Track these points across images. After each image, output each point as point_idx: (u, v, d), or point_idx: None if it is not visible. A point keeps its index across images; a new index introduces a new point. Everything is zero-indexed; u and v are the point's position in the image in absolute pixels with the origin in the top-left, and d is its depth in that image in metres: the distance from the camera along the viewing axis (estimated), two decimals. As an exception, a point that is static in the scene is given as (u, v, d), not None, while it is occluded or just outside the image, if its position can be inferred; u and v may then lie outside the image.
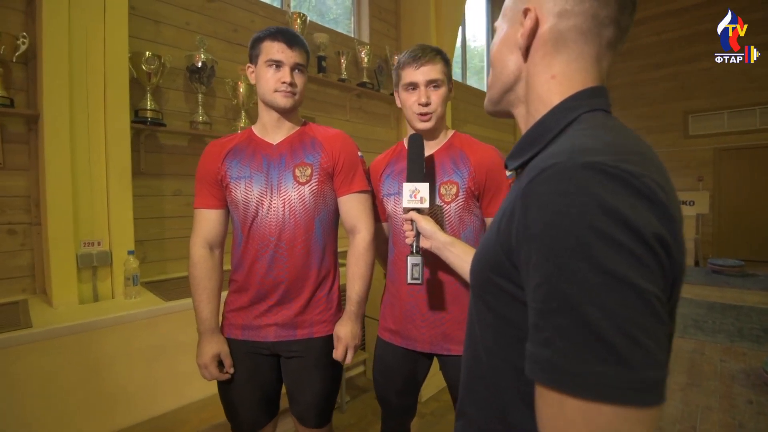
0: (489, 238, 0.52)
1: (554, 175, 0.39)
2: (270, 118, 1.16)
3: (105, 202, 1.74)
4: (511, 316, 0.48)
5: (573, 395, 0.35)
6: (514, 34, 0.54)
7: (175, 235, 2.29)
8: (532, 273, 0.39)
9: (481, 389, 0.54)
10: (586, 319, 0.34)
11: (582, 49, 0.50)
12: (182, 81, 2.31)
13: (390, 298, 1.22)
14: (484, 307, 0.53)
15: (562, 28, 0.50)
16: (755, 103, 5.78)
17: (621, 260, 0.34)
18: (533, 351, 0.38)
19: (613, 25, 0.50)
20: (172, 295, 1.79)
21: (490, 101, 0.61)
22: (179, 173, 2.31)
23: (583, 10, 0.49)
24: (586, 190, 0.36)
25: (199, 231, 1.16)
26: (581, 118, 0.49)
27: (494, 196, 1.13)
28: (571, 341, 0.35)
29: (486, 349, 0.53)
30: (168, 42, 2.23)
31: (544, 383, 0.37)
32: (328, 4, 3.45)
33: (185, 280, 2.14)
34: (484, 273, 0.51)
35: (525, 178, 0.45)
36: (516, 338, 0.47)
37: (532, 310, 0.39)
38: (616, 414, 0.33)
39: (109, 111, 1.73)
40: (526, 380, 0.45)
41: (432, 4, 3.53)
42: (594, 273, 0.34)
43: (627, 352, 0.33)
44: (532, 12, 0.51)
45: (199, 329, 1.13)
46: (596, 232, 0.35)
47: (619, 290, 0.34)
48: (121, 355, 1.50)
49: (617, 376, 0.33)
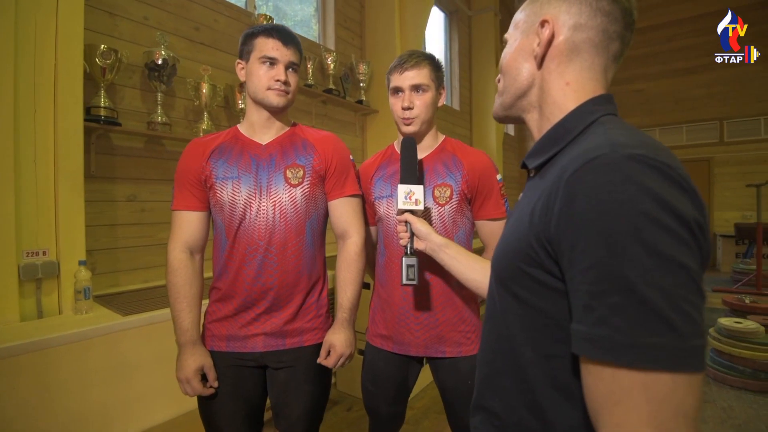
0: (517, 232, 0.54)
1: (600, 165, 0.42)
2: (259, 117, 1.10)
3: (52, 207, 1.56)
4: (542, 305, 0.50)
5: (631, 367, 0.37)
6: (529, 43, 0.59)
7: (129, 245, 2.11)
8: (578, 258, 0.41)
9: (507, 381, 0.56)
10: (641, 296, 0.37)
11: (593, 59, 0.56)
12: (139, 79, 2.15)
13: (381, 303, 1.20)
14: (512, 299, 0.54)
15: (576, 40, 0.55)
16: (683, 121, 6.43)
17: (670, 242, 0.38)
18: (584, 330, 0.41)
19: (619, 39, 0.56)
20: (128, 309, 1.63)
21: (502, 106, 0.65)
22: (134, 177, 2.14)
23: (595, 25, 0.54)
24: (632, 179, 0.40)
25: (178, 234, 1.07)
26: (601, 120, 0.53)
27: (485, 199, 1.15)
28: (627, 318, 0.37)
29: (513, 340, 0.54)
30: (124, 36, 2.08)
31: (599, 358, 0.39)
32: (289, 9, 3.40)
33: (140, 293, 1.98)
34: (512, 265, 0.53)
35: (557, 171, 0.48)
36: (545, 326, 0.50)
37: (580, 293, 0.42)
38: (674, 380, 0.37)
39: (59, 107, 1.57)
40: (557, 365, 0.49)
41: (396, 17, 3.58)
42: (647, 254, 0.37)
43: (680, 324, 0.36)
44: (549, 24, 0.56)
45: (179, 341, 1.04)
46: (646, 217, 0.38)
47: (670, 269, 0.37)
48: (74, 378, 1.34)
49: (673, 347, 0.36)
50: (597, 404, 0.41)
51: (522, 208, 0.56)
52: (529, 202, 0.53)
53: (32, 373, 1.27)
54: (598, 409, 0.41)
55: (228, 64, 2.60)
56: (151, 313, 1.60)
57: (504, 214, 1.16)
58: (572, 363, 0.48)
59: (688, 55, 6.28)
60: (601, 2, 0.54)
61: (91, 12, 1.91)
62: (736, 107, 5.99)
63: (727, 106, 6.02)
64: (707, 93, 6.13)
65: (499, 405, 0.57)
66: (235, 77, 2.62)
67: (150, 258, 2.19)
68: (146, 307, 1.66)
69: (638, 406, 0.37)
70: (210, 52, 2.50)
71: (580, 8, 0.55)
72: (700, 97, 6.16)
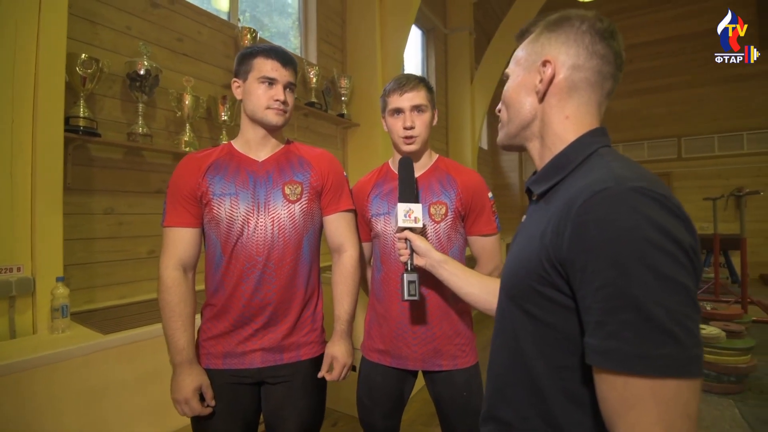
0: (527, 253, 0.58)
1: (608, 197, 0.47)
2: (255, 134, 1.11)
3: (29, 221, 1.50)
4: (553, 321, 0.54)
5: (641, 375, 0.42)
6: (531, 80, 0.64)
7: (106, 259, 2.03)
8: (590, 278, 0.46)
9: (519, 393, 0.59)
10: (648, 313, 0.42)
11: (590, 96, 0.62)
12: (119, 89, 2.10)
13: (377, 318, 1.21)
14: (523, 315, 0.58)
15: (575, 79, 0.61)
16: (644, 138, 6.81)
17: (671, 265, 0.43)
18: (597, 343, 0.45)
19: (612, 78, 0.62)
20: (107, 328, 1.57)
21: (507, 136, 0.70)
22: (112, 189, 2.07)
23: (591, 66, 0.60)
24: (636, 209, 0.45)
25: (172, 251, 1.06)
26: (599, 151, 0.59)
27: (478, 215, 1.19)
28: (637, 332, 0.42)
29: (525, 354, 0.58)
30: (105, 46, 2.03)
31: (611, 368, 0.44)
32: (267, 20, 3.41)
33: (117, 310, 1.90)
34: (524, 283, 0.57)
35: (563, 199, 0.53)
36: (556, 340, 0.54)
37: (592, 310, 0.46)
38: (678, 385, 0.42)
39: (39, 117, 1.51)
40: (568, 376, 0.53)
41: (377, 33, 3.66)
42: (652, 276, 0.43)
43: (681, 337, 0.42)
44: (551, 64, 0.61)
45: (174, 361, 1.01)
46: (650, 243, 0.43)
47: (671, 289, 0.43)
48: (50, 402, 1.28)
49: (677, 356, 0.41)
50: (611, 410, 0.45)
51: (530, 230, 0.60)
52: (538, 225, 0.57)
53: (5, 398, 1.20)
54: (613, 414, 0.45)
55: (211, 76, 2.58)
56: (133, 331, 1.54)
57: (495, 230, 1.20)
58: (582, 373, 0.52)
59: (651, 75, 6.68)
60: (596, 46, 0.60)
61: (72, 20, 1.86)
62: (693, 125, 6.40)
63: (685, 125, 6.42)
64: (667, 112, 6.53)
65: (512, 415, 0.60)
66: (217, 89, 2.60)
67: (127, 273, 2.11)
68: (125, 325, 1.60)
69: (649, 410, 0.42)
70: (193, 63, 2.47)
71: (577, 50, 0.60)
72: (661, 116, 6.56)
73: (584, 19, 0.61)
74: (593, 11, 0.63)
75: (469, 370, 1.17)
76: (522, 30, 0.69)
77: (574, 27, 0.61)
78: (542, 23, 0.65)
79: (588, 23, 0.61)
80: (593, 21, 0.61)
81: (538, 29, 0.65)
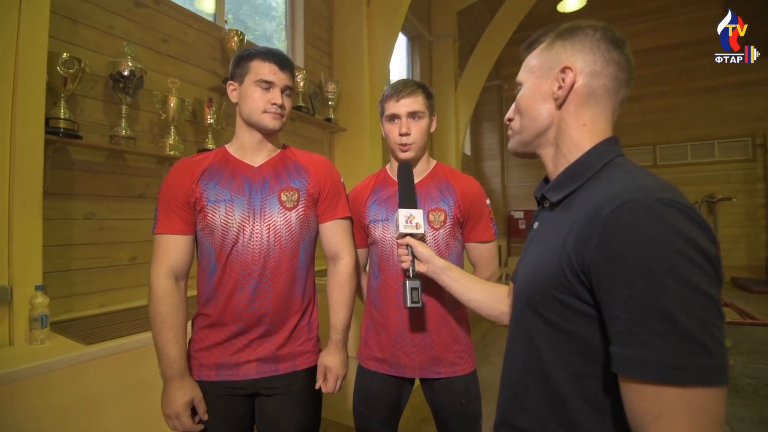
0: (546, 260, 0.58)
1: (636, 208, 0.47)
2: (251, 139, 1.09)
3: (6, 227, 1.42)
4: (572, 328, 0.54)
5: (672, 384, 0.43)
6: (549, 87, 0.64)
7: (86, 266, 1.95)
8: (618, 287, 0.46)
9: (537, 400, 0.59)
10: (679, 323, 0.43)
11: (606, 103, 0.62)
12: (101, 90, 2.03)
13: (375, 326, 1.20)
14: (542, 323, 0.58)
15: (593, 86, 0.61)
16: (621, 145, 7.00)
17: (699, 275, 0.43)
18: (626, 353, 0.45)
19: (626, 86, 0.63)
20: (89, 338, 1.51)
21: (521, 143, 0.70)
22: (92, 193, 2.00)
23: (608, 73, 0.61)
24: (664, 220, 0.45)
25: (164, 259, 1.02)
26: (616, 160, 0.60)
27: (476, 222, 1.19)
28: (668, 342, 0.43)
29: (544, 361, 0.58)
30: (87, 45, 1.96)
31: (643, 378, 0.44)
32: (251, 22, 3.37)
33: (97, 319, 1.83)
34: (542, 291, 0.57)
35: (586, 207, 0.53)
36: (577, 348, 0.54)
37: (619, 319, 0.46)
38: (707, 393, 0.42)
39: (18, 118, 1.44)
40: (588, 383, 0.53)
41: (365, 38, 3.66)
42: (681, 286, 0.43)
43: (711, 346, 0.42)
44: (572, 71, 0.61)
45: (165, 374, 0.97)
46: (679, 254, 0.43)
47: (700, 299, 0.43)
48: (31, 417, 1.21)
49: (707, 366, 0.42)
50: (641, 419, 0.45)
51: (548, 237, 0.60)
52: (557, 232, 0.57)
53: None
54: (643, 422, 0.45)
55: (196, 78, 2.53)
56: (117, 341, 1.48)
57: (493, 237, 1.21)
58: (603, 380, 0.52)
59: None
60: (612, 53, 0.61)
61: (53, 18, 1.79)
62: (667, 134, 6.63)
63: (659, 133, 6.64)
64: (643, 121, 6.75)
65: (529, 422, 0.60)
66: (203, 91, 2.55)
67: (107, 281, 2.04)
68: (108, 335, 1.54)
69: (681, 418, 0.42)
70: (178, 64, 2.42)
71: (594, 57, 0.61)
72: (637, 124, 6.76)
73: (597, 28, 0.62)
74: (602, 22, 0.64)
75: (468, 377, 1.17)
76: (530, 40, 0.70)
77: (588, 35, 0.62)
78: (552, 33, 0.66)
79: (601, 31, 0.62)
80: (606, 29, 0.62)
81: (548, 39, 0.66)
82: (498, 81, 7.76)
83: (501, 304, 0.87)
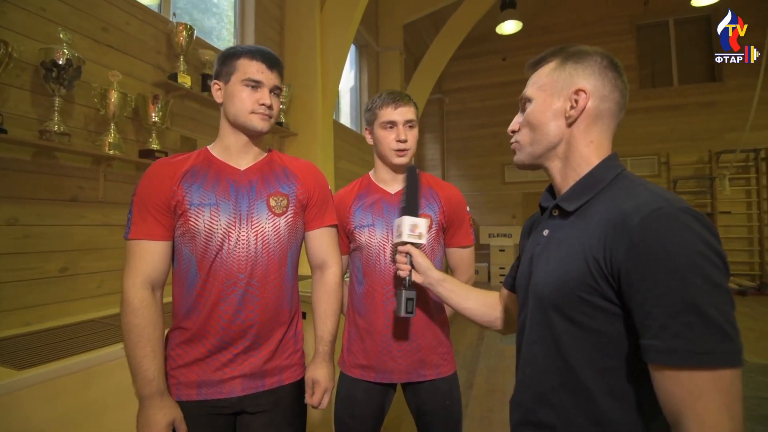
0: (570, 265, 0.62)
1: (664, 216, 0.54)
2: (237, 141, 1.03)
3: None
4: (598, 326, 0.59)
5: (705, 368, 0.49)
6: (562, 105, 0.69)
7: (8, 279, 1.70)
8: (651, 286, 0.52)
9: (563, 396, 0.63)
10: (707, 315, 0.49)
11: (609, 124, 0.70)
12: (29, 79, 1.79)
13: (360, 333, 1.18)
14: (567, 323, 0.62)
15: (601, 108, 0.68)
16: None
17: (718, 274, 0.51)
18: (661, 344, 0.51)
19: (623, 110, 0.71)
20: (22, 362, 1.31)
21: (531, 156, 0.74)
22: (16, 196, 1.75)
23: (613, 97, 0.68)
24: (689, 227, 0.52)
25: (139, 268, 0.92)
26: (623, 173, 0.67)
27: (458, 228, 1.23)
28: (699, 332, 0.49)
29: (569, 359, 0.62)
30: (13, 28, 1.73)
31: (678, 365, 0.50)
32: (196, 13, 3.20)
33: (24, 340, 1.60)
34: (569, 293, 0.61)
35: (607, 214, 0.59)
36: (602, 344, 0.59)
37: (653, 315, 0.52)
38: (732, 374, 0.49)
39: (-68, 105, 1.23)
40: (613, 376, 0.59)
41: (318, 43, 3.62)
42: (707, 284, 0.50)
43: (732, 333, 0.50)
44: (587, 94, 0.67)
45: (141, 393, 0.88)
46: (702, 256, 0.51)
47: (720, 294, 0.51)
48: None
49: (731, 350, 0.49)
50: (677, 402, 0.50)
51: (567, 244, 0.65)
52: (578, 239, 0.62)
53: None
54: (679, 406, 0.50)
55: (139, 72, 2.33)
56: (54, 364, 1.30)
57: (472, 242, 1.26)
58: (626, 373, 0.58)
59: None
60: (617, 81, 0.69)
61: (-28, -6, 1.56)
62: (635, 147, 7.08)
63: (629, 146, 7.07)
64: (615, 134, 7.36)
65: (555, 418, 0.64)
66: (146, 87, 2.36)
67: (33, 296, 1.78)
68: (43, 358, 1.34)
69: (714, 398, 0.49)
70: (118, 56, 2.21)
71: (603, 83, 0.68)
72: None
73: (603, 55, 0.69)
74: (601, 48, 0.71)
75: (451, 378, 1.19)
76: (535, 60, 0.76)
77: (596, 61, 0.68)
78: (560, 55, 0.71)
79: (608, 59, 0.69)
80: (610, 58, 0.69)
81: (557, 59, 0.71)
82: (440, 95, 8.08)
83: (494, 310, 0.92)
